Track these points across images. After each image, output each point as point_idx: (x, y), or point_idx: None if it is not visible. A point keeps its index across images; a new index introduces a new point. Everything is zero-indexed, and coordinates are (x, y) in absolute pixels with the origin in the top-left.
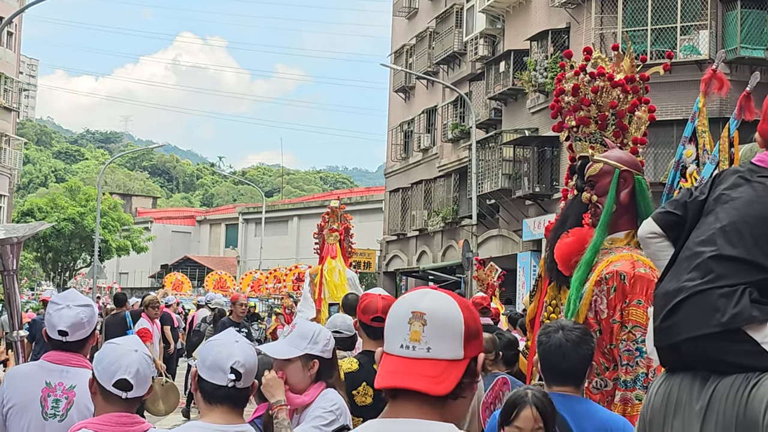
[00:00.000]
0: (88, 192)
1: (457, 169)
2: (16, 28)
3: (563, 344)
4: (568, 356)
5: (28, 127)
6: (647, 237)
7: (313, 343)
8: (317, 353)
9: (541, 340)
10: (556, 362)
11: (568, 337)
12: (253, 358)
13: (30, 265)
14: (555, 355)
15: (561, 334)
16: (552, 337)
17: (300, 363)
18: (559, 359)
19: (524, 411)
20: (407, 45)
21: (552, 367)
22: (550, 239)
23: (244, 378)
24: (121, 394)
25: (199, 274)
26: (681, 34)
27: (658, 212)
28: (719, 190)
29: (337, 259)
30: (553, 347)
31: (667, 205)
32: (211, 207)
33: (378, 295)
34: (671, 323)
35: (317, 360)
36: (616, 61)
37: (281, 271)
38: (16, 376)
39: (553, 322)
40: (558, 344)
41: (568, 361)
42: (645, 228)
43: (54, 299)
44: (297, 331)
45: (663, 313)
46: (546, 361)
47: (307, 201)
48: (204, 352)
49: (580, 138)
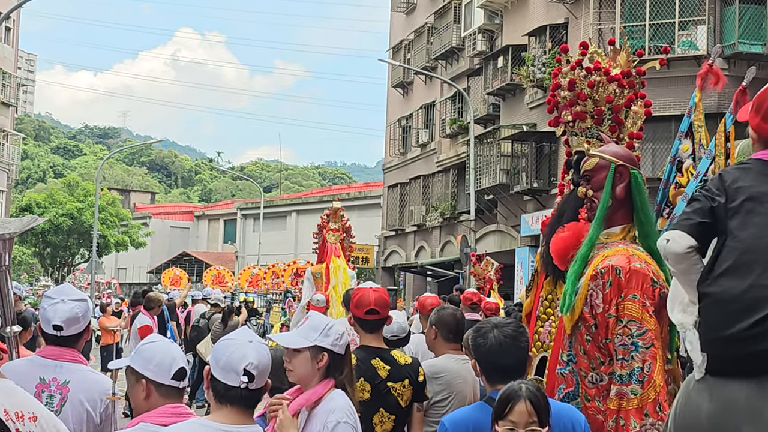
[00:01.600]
0: (87, 187)
1: (455, 165)
2: (14, 23)
3: (503, 342)
4: (510, 352)
5: (26, 122)
6: (686, 252)
7: (324, 335)
8: (327, 346)
9: (478, 343)
10: (499, 360)
11: (505, 333)
12: (266, 358)
13: (28, 261)
14: (497, 354)
15: (497, 332)
16: (489, 337)
17: (309, 354)
18: (500, 357)
19: (518, 405)
20: (405, 40)
21: (495, 366)
22: (546, 234)
23: (257, 379)
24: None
25: (198, 270)
26: (679, 30)
27: (688, 223)
28: (750, 191)
29: (341, 258)
30: (493, 347)
31: (691, 214)
32: (210, 202)
33: (369, 288)
34: None
35: (327, 353)
36: (613, 56)
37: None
38: (9, 372)
39: (483, 322)
40: (498, 343)
41: (512, 357)
42: (681, 243)
43: (48, 294)
44: (309, 323)
45: (756, 317)
46: (488, 361)
47: (306, 196)
48: (217, 352)
49: (576, 133)
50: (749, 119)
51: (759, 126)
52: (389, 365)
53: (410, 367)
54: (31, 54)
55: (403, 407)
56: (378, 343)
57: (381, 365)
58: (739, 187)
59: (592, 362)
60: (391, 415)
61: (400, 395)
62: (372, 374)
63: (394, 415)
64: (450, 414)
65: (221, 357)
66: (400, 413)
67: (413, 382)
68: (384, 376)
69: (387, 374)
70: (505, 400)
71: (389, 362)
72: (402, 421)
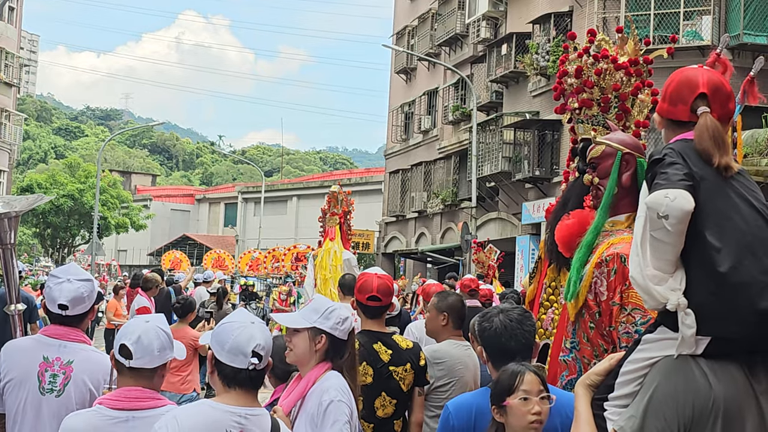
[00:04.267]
0: (88, 169)
1: (457, 152)
2: (18, 2)
3: (508, 325)
4: (515, 335)
5: (28, 102)
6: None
7: (324, 318)
8: (326, 329)
9: (484, 327)
10: (505, 344)
11: (511, 317)
12: (270, 338)
13: (29, 241)
14: (502, 337)
15: (502, 317)
16: (494, 321)
17: (307, 335)
18: (506, 340)
19: (527, 376)
20: (409, 26)
21: (501, 350)
22: (550, 221)
23: (264, 359)
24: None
25: (198, 253)
26: (684, 20)
27: (684, 184)
28: (705, 166)
29: (335, 241)
30: (498, 330)
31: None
32: (211, 186)
33: (374, 274)
34: None
35: (326, 336)
36: (620, 44)
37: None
38: (13, 350)
39: (489, 309)
40: (504, 326)
41: (517, 341)
42: (689, 200)
43: (54, 273)
44: (312, 305)
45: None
46: (493, 345)
47: (307, 181)
48: (221, 336)
49: (583, 120)
50: (657, 108)
51: (668, 111)
52: (391, 349)
53: (411, 352)
54: (34, 34)
55: (404, 391)
56: (380, 328)
57: (383, 349)
58: (692, 164)
59: (595, 350)
60: (393, 399)
61: (402, 379)
62: (374, 358)
63: (396, 399)
64: (454, 399)
65: (226, 340)
66: (402, 397)
67: (415, 366)
68: (386, 360)
69: (389, 358)
70: (512, 375)
71: (391, 346)
72: (403, 405)
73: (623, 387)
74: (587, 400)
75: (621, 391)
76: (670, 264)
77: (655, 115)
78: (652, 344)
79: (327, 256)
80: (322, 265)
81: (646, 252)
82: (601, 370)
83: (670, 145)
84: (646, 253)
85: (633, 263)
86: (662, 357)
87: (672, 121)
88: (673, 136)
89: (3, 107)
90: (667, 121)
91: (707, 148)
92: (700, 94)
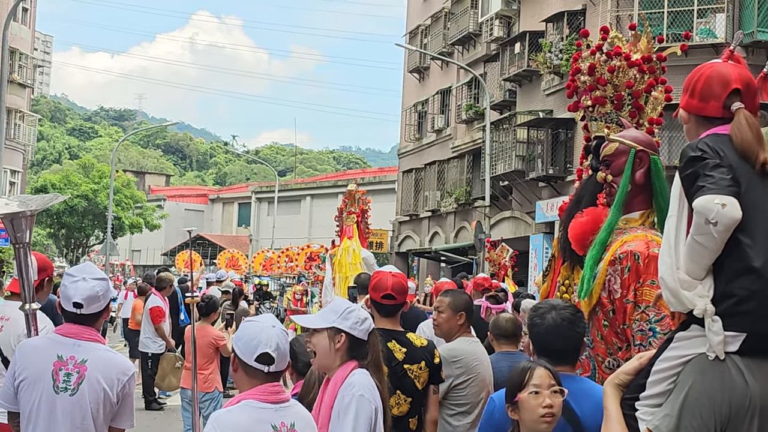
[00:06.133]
0: (102, 169)
1: (470, 151)
2: (31, 3)
3: (559, 324)
4: (565, 335)
5: (42, 103)
6: (737, 222)
7: (343, 318)
8: (345, 328)
9: (534, 322)
10: (553, 342)
11: (563, 317)
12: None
13: (43, 242)
14: (551, 335)
15: (554, 314)
16: (546, 318)
17: (327, 335)
18: (555, 339)
19: (537, 371)
20: (422, 25)
21: (548, 348)
22: (564, 219)
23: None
24: (263, 369)
25: (212, 253)
26: (698, 17)
27: (732, 191)
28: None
29: (353, 240)
30: (549, 327)
31: (729, 180)
32: (224, 185)
33: (389, 272)
34: None
35: (345, 335)
36: (633, 41)
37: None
38: (28, 349)
39: (542, 302)
40: (554, 324)
41: (565, 341)
42: (735, 213)
43: (69, 271)
44: (331, 306)
45: None
46: (542, 341)
47: (320, 180)
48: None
49: (596, 118)
50: (682, 104)
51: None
52: (405, 347)
53: (426, 350)
54: (48, 35)
55: (419, 389)
56: (394, 326)
57: (397, 347)
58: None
59: (609, 348)
60: (408, 397)
61: (417, 377)
62: (388, 356)
63: (411, 397)
64: (498, 392)
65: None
66: (417, 395)
67: (429, 364)
68: (400, 358)
69: (403, 356)
70: (522, 371)
71: (405, 344)
72: (418, 403)
73: (655, 386)
74: (616, 399)
75: (653, 390)
76: (704, 269)
77: (680, 111)
78: (685, 342)
79: (346, 255)
80: (341, 263)
81: (680, 254)
82: (630, 369)
83: (705, 141)
84: (679, 255)
85: (664, 264)
86: (696, 355)
87: (701, 117)
88: (702, 131)
89: (17, 108)
90: (696, 116)
91: (750, 145)
92: (734, 90)
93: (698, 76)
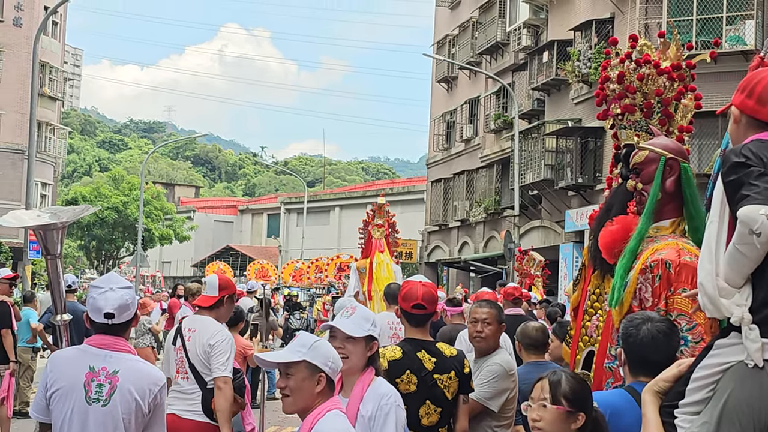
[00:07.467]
0: (132, 181)
1: (499, 160)
2: (61, 17)
3: (656, 337)
4: (661, 348)
5: (72, 116)
6: None
7: (374, 325)
8: (376, 336)
9: (630, 333)
10: (648, 354)
11: (659, 329)
12: None
13: (74, 254)
14: (648, 347)
15: (650, 326)
16: (641, 329)
17: (363, 342)
18: (651, 351)
19: (540, 382)
20: (450, 35)
21: (643, 359)
22: (594, 227)
23: None
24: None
25: (241, 263)
26: (727, 24)
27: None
28: None
29: (384, 254)
30: (645, 339)
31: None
32: (253, 197)
33: (419, 282)
34: None
35: (376, 343)
36: (662, 49)
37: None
38: (60, 360)
39: (637, 314)
40: (651, 336)
41: (661, 353)
42: None
43: (95, 283)
44: (360, 313)
45: None
46: (636, 353)
47: (349, 191)
48: None
49: (625, 126)
50: (736, 102)
51: (753, 109)
52: (435, 357)
53: (456, 359)
54: (78, 48)
55: (449, 399)
56: (424, 336)
57: (427, 357)
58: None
59: None
60: (438, 408)
61: (447, 387)
62: (418, 366)
63: (441, 408)
64: (595, 393)
65: None
66: (447, 405)
67: (459, 373)
68: (430, 368)
69: (433, 366)
70: (533, 383)
71: (435, 354)
72: (448, 413)
73: (694, 393)
74: (655, 406)
75: (692, 397)
76: (744, 278)
77: (733, 109)
78: (724, 349)
79: (380, 270)
80: (378, 278)
81: (720, 261)
82: (669, 377)
83: (749, 147)
84: (719, 262)
85: (704, 270)
86: (735, 362)
87: (753, 119)
88: (750, 134)
89: (47, 121)
90: (749, 118)
91: None
92: None
93: (759, 79)
